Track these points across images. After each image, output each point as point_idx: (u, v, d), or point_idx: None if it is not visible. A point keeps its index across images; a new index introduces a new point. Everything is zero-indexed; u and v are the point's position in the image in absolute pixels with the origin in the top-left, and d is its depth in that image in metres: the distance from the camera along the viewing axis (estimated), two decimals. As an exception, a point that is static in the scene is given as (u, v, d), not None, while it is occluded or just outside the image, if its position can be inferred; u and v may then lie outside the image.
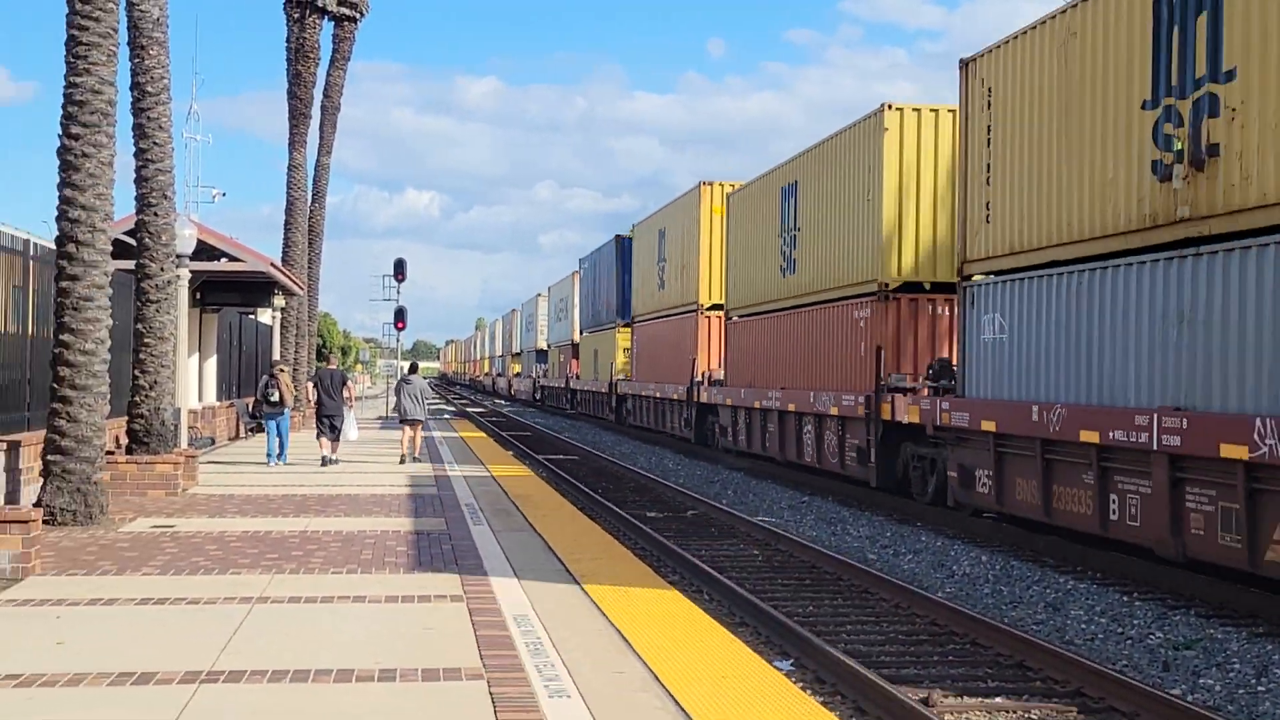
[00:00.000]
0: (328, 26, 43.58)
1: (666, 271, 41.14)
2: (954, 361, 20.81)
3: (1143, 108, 15.17)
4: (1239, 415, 13.06)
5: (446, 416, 53.56)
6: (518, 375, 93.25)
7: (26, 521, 11.12)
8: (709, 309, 36.68)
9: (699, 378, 35.74)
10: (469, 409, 73.21)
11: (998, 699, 10.13)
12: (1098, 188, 16.09)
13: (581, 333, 60.10)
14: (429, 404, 27.95)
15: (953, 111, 22.04)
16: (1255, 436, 12.58)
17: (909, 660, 11.42)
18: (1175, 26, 14.58)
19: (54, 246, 15.37)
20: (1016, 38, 18.34)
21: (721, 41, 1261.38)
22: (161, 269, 18.45)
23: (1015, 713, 9.81)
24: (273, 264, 32.31)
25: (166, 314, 18.51)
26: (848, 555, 17.18)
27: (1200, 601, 13.96)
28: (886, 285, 22.96)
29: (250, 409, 33.65)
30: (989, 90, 19.07)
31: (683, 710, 7.14)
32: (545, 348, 75.84)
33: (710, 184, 36.87)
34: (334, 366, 26.38)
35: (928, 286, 23.07)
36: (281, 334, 40.47)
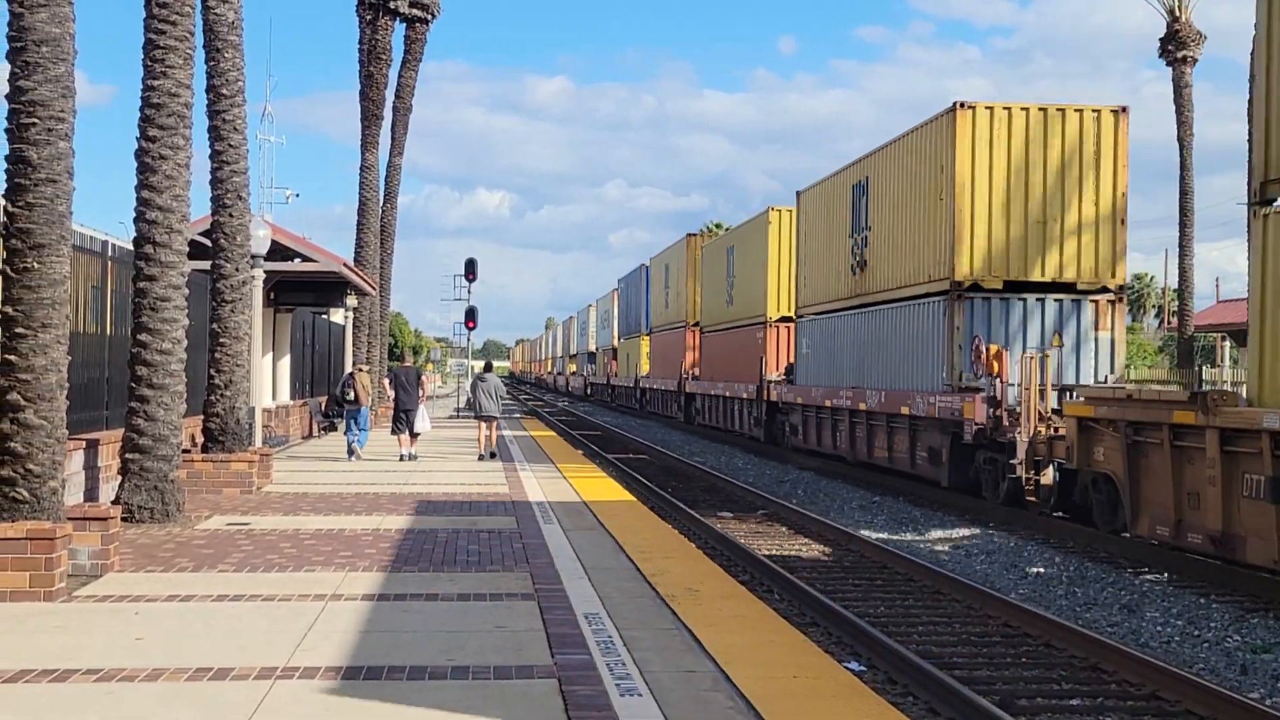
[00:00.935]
0: (399, 28, 43.82)
1: (669, 295, 55.45)
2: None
3: (849, 235, 29.51)
4: (864, 388, 27.50)
5: (517, 415, 54.01)
6: (573, 374, 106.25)
7: (105, 519, 11.28)
8: (693, 325, 50.39)
9: (685, 375, 50.08)
10: (531, 403, 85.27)
11: (1073, 701, 10.03)
12: (834, 275, 30.87)
13: (619, 339, 74.11)
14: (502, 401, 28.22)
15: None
16: (870, 399, 26.92)
17: (982, 662, 11.34)
18: (856, 199, 29.08)
19: (132, 247, 15.57)
20: (812, 187, 33.22)
21: (792, 39, 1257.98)
22: (236, 269, 18.62)
23: (1090, 715, 9.70)
24: (345, 264, 32.59)
25: (241, 314, 18.67)
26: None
27: (1280, 604, 13.77)
28: (769, 318, 37.87)
29: (324, 407, 34.01)
30: (805, 212, 34.15)
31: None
32: (594, 350, 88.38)
33: (694, 235, 52.89)
34: (408, 365, 28.46)
35: (794, 318, 35.50)
36: (354, 333, 40.70)
